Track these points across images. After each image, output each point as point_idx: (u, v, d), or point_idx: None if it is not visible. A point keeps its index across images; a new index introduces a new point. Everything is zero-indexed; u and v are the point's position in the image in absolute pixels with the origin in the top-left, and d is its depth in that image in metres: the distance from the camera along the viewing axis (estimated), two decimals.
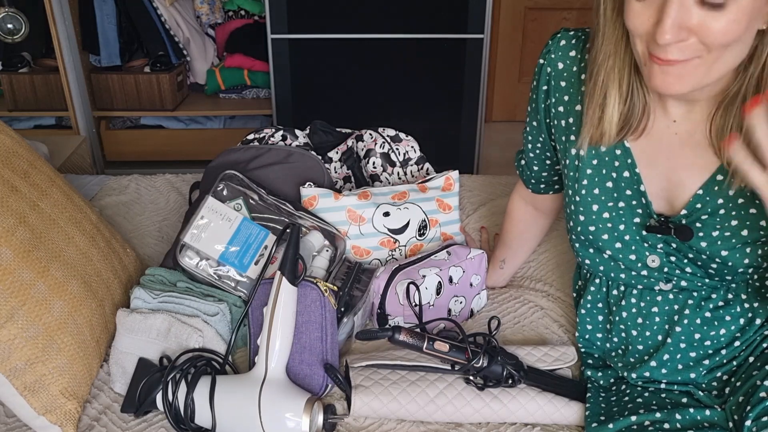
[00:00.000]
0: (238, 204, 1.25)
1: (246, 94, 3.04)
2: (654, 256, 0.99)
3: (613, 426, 0.94)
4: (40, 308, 0.99)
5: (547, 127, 1.07)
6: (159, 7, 2.83)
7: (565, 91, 1.01)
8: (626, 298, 1.05)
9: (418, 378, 1.03)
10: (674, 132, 0.94)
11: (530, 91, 1.08)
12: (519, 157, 1.22)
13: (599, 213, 1.00)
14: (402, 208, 1.32)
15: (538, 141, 1.12)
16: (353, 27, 2.54)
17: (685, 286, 1.00)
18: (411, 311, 1.16)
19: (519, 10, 3.41)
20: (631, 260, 1.00)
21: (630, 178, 0.97)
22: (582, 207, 1.01)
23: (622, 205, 0.99)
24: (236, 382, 1.01)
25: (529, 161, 1.17)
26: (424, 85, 2.66)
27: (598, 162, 0.99)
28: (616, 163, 0.98)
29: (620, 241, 1.00)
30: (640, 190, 0.97)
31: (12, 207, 1.02)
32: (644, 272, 1.00)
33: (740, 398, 0.94)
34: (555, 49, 1.01)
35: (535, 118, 1.09)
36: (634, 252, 0.99)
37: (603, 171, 0.99)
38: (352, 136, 1.55)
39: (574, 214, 1.03)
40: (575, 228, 1.04)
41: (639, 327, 1.05)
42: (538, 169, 1.17)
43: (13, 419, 1.03)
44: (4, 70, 2.80)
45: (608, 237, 1.00)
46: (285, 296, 1.02)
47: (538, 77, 1.05)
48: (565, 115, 1.03)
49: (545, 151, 1.12)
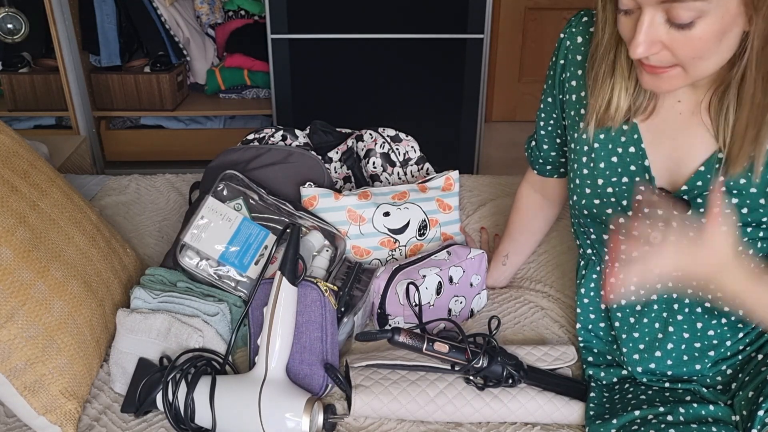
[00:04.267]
0: (238, 204, 1.25)
1: (246, 94, 3.04)
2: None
3: (616, 421, 0.94)
4: (40, 308, 0.99)
5: (560, 102, 1.10)
6: (159, 7, 2.83)
7: (580, 65, 1.04)
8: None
9: (419, 378, 1.03)
10: (679, 111, 0.96)
11: (548, 68, 1.11)
12: (529, 140, 1.25)
13: (604, 187, 1.02)
14: (402, 208, 1.32)
15: (551, 118, 1.14)
16: (353, 27, 2.54)
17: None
18: (411, 311, 1.16)
19: (519, 10, 3.41)
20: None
21: (635, 153, 0.99)
22: (588, 180, 1.04)
23: (626, 180, 1.01)
24: (236, 382, 1.01)
25: (539, 140, 1.19)
26: (424, 85, 2.66)
27: (605, 137, 1.01)
28: (623, 139, 1.00)
29: (623, 217, 1.01)
30: (645, 165, 0.99)
31: (12, 207, 1.02)
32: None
33: (750, 393, 0.94)
34: (576, 23, 1.05)
35: (550, 93, 1.12)
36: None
37: (609, 146, 1.01)
38: (352, 136, 1.55)
39: (579, 188, 1.06)
40: (579, 202, 1.06)
41: (637, 314, 1.05)
42: (548, 149, 1.19)
43: (13, 419, 1.03)
44: (4, 70, 2.80)
45: (612, 211, 1.02)
46: (285, 296, 1.02)
47: (557, 51, 1.08)
48: (577, 90, 1.05)
49: (557, 128, 1.15)
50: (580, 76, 1.05)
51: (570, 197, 1.10)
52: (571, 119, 1.07)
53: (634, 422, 0.94)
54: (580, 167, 1.05)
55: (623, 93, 0.95)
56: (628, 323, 1.06)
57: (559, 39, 1.07)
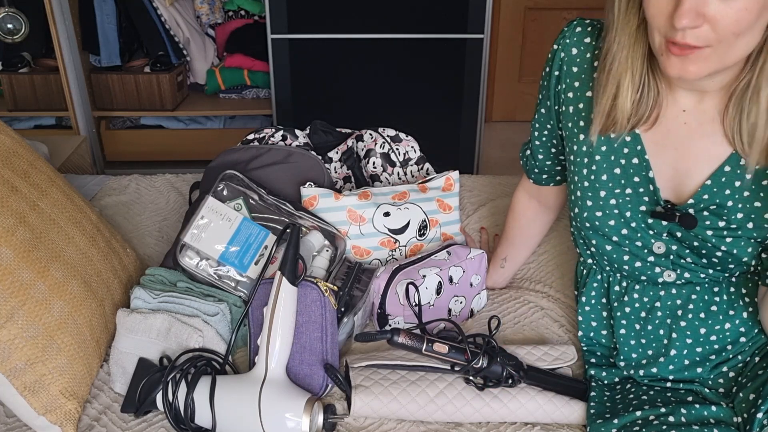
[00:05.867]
0: (238, 204, 1.25)
1: (246, 94, 3.04)
2: (660, 243, 1.00)
3: (617, 421, 0.94)
4: (40, 308, 0.99)
5: (556, 114, 1.08)
6: (159, 7, 2.83)
7: (577, 77, 1.03)
8: (629, 293, 1.06)
9: (418, 378, 1.03)
10: (683, 122, 0.95)
11: (541, 78, 1.10)
12: (524, 148, 1.23)
13: (606, 199, 1.01)
14: (402, 209, 1.32)
15: (545, 128, 1.13)
16: (353, 27, 2.54)
17: (688, 278, 1.01)
18: (411, 311, 1.16)
19: (519, 10, 3.40)
20: (638, 246, 1.01)
21: (639, 164, 0.98)
22: (590, 193, 1.03)
23: (629, 192, 1.00)
24: (236, 382, 1.01)
25: (534, 150, 1.18)
26: (424, 85, 2.65)
27: (608, 148, 1.00)
28: (626, 150, 0.99)
29: (626, 228, 1.01)
30: (649, 176, 0.98)
31: (12, 207, 1.02)
32: (651, 258, 1.01)
33: (750, 395, 0.94)
34: (570, 34, 1.03)
35: (544, 104, 1.10)
36: (640, 239, 1.01)
37: (612, 157, 1.00)
38: (352, 136, 1.55)
39: (580, 200, 1.04)
40: (581, 214, 1.05)
41: (642, 321, 1.05)
42: (543, 158, 1.18)
43: (13, 419, 1.03)
44: (4, 70, 2.79)
45: (615, 223, 1.01)
46: (285, 296, 1.02)
47: (551, 63, 1.06)
48: (574, 101, 1.04)
49: (552, 138, 1.13)
50: (577, 88, 1.03)
51: (571, 209, 1.09)
52: (569, 131, 1.06)
53: (636, 422, 0.94)
54: (581, 179, 1.04)
55: (629, 94, 0.93)
56: (634, 329, 1.06)
57: (553, 50, 1.06)
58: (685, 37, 0.81)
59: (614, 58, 0.92)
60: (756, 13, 0.79)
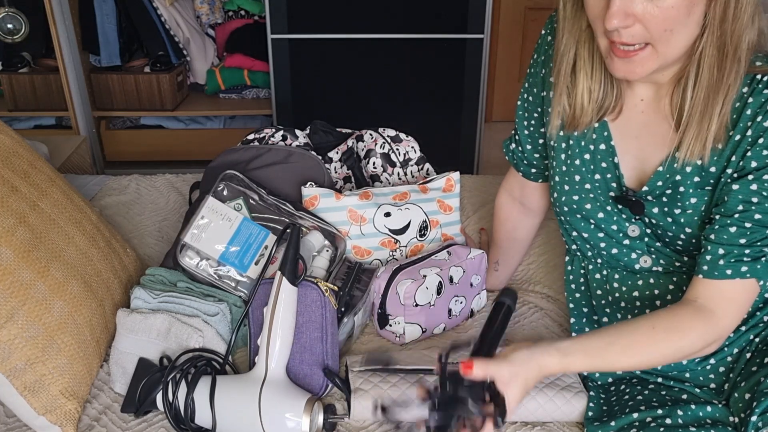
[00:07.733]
0: (238, 204, 1.25)
1: (246, 94, 3.04)
2: (634, 227, 1.03)
3: (615, 423, 0.94)
4: (40, 308, 0.99)
5: (542, 100, 1.10)
6: (159, 7, 2.83)
7: None
8: (609, 281, 1.08)
9: (417, 380, 1.03)
10: (641, 110, 0.98)
11: (529, 66, 1.13)
12: (508, 143, 1.24)
13: (581, 183, 1.04)
14: (403, 209, 1.32)
15: (532, 117, 1.14)
16: (353, 27, 2.54)
17: (665, 266, 1.03)
18: (411, 311, 1.16)
19: (519, 10, 3.40)
20: (614, 230, 1.04)
21: (606, 150, 1.01)
22: (567, 177, 1.05)
23: (598, 177, 1.03)
24: (236, 382, 1.01)
25: (522, 140, 1.18)
26: (424, 85, 2.65)
27: (578, 134, 1.03)
28: (594, 136, 1.02)
29: (602, 211, 1.04)
30: (615, 162, 1.01)
31: (12, 207, 1.02)
32: (626, 242, 1.04)
33: (746, 395, 0.94)
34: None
35: (530, 92, 1.12)
36: (615, 222, 1.03)
37: (582, 143, 1.03)
38: (353, 136, 1.55)
39: (558, 185, 1.07)
40: (560, 198, 1.07)
41: (622, 311, 1.06)
42: (531, 149, 1.18)
43: (13, 419, 1.03)
44: (4, 70, 2.79)
45: (591, 207, 1.04)
46: (285, 296, 1.02)
47: (539, 48, 1.09)
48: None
49: (539, 127, 1.14)
50: None
51: (551, 194, 1.11)
52: (548, 116, 1.07)
53: (633, 425, 0.93)
54: (558, 164, 1.07)
55: (586, 95, 0.97)
56: (616, 319, 1.07)
57: (541, 35, 1.08)
58: (621, 36, 0.85)
59: (563, 57, 0.96)
60: (684, 10, 0.82)
